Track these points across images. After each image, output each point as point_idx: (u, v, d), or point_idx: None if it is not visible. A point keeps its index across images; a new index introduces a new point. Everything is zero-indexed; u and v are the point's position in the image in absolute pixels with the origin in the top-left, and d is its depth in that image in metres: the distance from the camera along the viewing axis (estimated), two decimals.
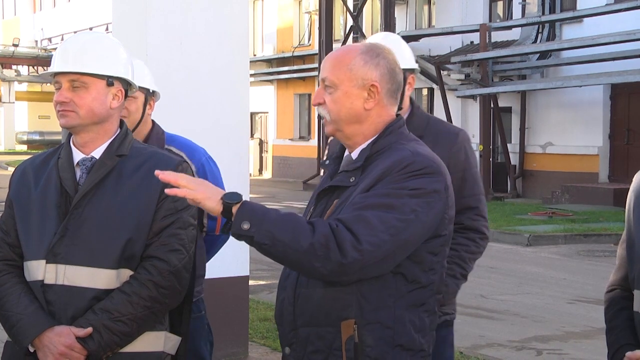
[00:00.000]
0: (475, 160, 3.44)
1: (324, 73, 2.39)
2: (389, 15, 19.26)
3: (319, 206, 2.43)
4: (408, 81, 3.34)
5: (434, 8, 23.15)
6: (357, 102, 2.37)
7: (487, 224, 3.38)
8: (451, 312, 3.37)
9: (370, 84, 2.37)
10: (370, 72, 2.37)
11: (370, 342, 2.27)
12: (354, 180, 2.35)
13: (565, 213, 15.75)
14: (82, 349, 2.50)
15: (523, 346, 7.02)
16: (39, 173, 2.67)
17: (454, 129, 3.44)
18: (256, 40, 29.77)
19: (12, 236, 2.65)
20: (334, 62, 2.39)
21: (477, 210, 3.34)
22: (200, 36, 5.47)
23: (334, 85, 2.37)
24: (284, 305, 2.40)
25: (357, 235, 2.17)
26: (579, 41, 17.68)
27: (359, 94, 2.37)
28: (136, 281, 2.55)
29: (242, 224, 2.17)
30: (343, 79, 2.36)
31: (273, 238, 2.16)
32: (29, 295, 2.57)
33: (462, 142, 3.36)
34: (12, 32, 44.45)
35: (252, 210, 2.19)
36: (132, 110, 3.50)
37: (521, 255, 11.83)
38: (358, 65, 2.37)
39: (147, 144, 3.06)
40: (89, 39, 2.72)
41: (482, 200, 3.39)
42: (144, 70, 3.61)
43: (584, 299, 8.94)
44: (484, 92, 19.39)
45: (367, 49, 2.40)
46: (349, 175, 2.38)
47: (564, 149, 19.19)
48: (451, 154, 3.26)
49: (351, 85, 2.36)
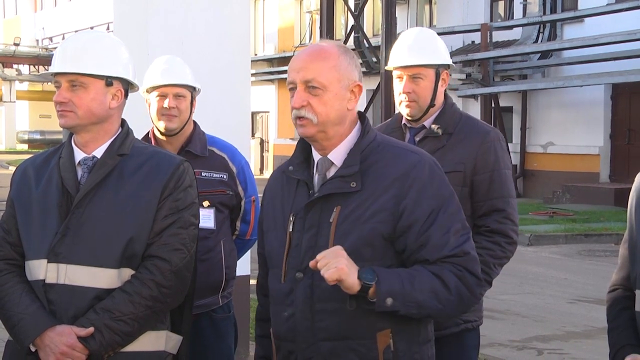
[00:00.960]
0: (507, 161, 3.30)
1: (308, 74, 2.34)
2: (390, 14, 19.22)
3: (310, 216, 2.37)
4: (442, 77, 3.27)
5: (435, 8, 23.16)
6: (343, 103, 2.38)
7: (517, 228, 3.25)
8: (474, 320, 3.28)
9: (355, 84, 2.39)
10: (353, 72, 2.40)
11: (403, 347, 2.34)
12: (355, 185, 2.33)
13: (566, 213, 15.75)
14: (84, 348, 2.50)
15: (524, 346, 7.03)
16: (40, 172, 2.67)
17: (486, 128, 3.31)
18: (257, 40, 29.78)
19: (13, 235, 2.65)
20: (320, 64, 2.35)
21: (505, 213, 3.21)
22: (201, 36, 5.47)
23: (324, 86, 2.34)
24: (297, 321, 2.35)
25: (476, 274, 2.35)
26: (580, 41, 17.68)
27: (345, 94, 2.37)
28: (137, 280, 2.55)
29: (386, 301, 2.23)
30: (332, 81, 2.35)
31: (419, 307, 2.27)
32: (31, 294, 2.57)
33: (492, 142, 3.24)
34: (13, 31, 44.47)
35: (390, 285, 2.24)
36: (182, 109, 3.57)
37: (522, 254, 11.82)
38: (343, 66, 2.37)
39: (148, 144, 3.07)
40: (89, 38, 2.72)
41: (510, 203, 3.24)
42: (185, 68, 3.65)
43: (584, 299, 8.94)
44: (485, 91, 19.39)
45: (344, 49, 2.41)
46: (346, 180, 2.34)
47: (565, 149, 19.18)
48: (479, 153, 3.20)
49: (340, 86, 2.36)
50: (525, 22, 19.30)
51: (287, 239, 2.40)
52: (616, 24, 17.09)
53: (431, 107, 3.27)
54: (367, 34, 22.56)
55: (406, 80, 3.24)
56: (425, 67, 3.24)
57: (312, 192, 2.40)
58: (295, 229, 2.39)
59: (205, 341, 3.68)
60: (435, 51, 3.29)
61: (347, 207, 2.32)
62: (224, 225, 3.69)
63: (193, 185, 2.70)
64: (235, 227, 3.80)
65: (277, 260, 2.44)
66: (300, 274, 2.35)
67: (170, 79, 3.57)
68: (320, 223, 2.35)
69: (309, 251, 2.34)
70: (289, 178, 2.48)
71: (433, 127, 3.26)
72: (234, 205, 3.72)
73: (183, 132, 3.62)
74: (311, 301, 2.34)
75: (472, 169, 3.21)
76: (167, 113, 3.55)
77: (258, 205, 3.83)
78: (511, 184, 3.30)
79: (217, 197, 3.61)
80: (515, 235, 3.24)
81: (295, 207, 2.41)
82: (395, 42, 3.36)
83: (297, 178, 2.44)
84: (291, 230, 2.39)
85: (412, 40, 3.29)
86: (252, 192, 3.79)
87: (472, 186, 3.22)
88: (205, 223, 3.45)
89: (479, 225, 3.22)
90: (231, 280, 3.74)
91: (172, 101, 3.56)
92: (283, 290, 2.40)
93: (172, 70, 3.61)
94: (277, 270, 2.44)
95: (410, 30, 3.40)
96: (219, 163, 3.67)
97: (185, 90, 3.61)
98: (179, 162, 2.68)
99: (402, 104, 3.27)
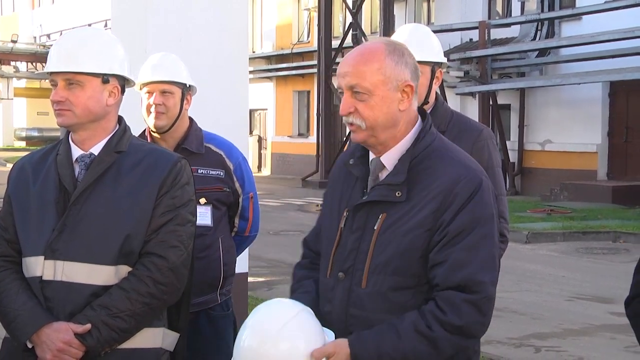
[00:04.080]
0: (498, 159, 3.35)
1: (352, 80, 2.27)
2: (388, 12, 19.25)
3: (358, 218, 2.34)
4: (436, 75, 3.28)
5: (433, 5, 23.14)
6: (393, 105, 2.29)
7: (508, 225, 3.29)
8: None
9: (405, 84, 2.30)
10: (402, 72, 2.29)
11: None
12: (400, 195, 2.28)
13: (564, 210, 15.75)
14: (81, 345, 2.50)
15: (521, 343, 7.03)
16: (37, 169, 2.67)
17: (478, 126, 3.35)
18: (255, 37, 29.75)
19: (10, 232, 2.65)
20: (363, 67, 2.27)
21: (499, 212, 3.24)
22: (199, 33, 5.46)
23: (368, 91, 2.26)
24: (333, 320, 2.34)
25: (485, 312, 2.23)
26: (578, 39, 17.69)
27: (394, 96, 2.29)
28: (134, 277, 2.55)
29: None
30: (377, 84, 2.27)
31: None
32: (27, 291, 2.57)
33: (485, 140, 3.27)
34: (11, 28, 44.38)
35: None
36: (170, 106, 3.54)
37: (520, 252, 11.83)
38: (390, 67, 2.28)
39: (145, 141, 3.06)
40: (84, 36, 2.70)
41: (503, 201, 3.27)
42: (179, 65, 3.62)
43: (582, 296, 8.94)
44: (483, 89, 19.39)
45: (392, 49, 2.31)
46: (392, 189, 2.29)
47: (563, 147, 19.19)
48: (473, 150, 3.20)
49: (386, 88, 2.27)
50: (523, 20, 19.30)
51: (338, 235, 2.38)
52: (614, 21, 17.09)
53: (425, 105, 3.27)
54: (365, 32, 22.56)
55: None
56: (421, 63, 3.23)
57: (366, 191, 2.36)
58: (346, 226, 2.36)
59: (204, 339, 3.68)
60: (431, 48, 3.30)
61: (392, 216, 2.28)
62: (221, 222, 3.69)
63: (190, 182, 2.69)
64: (234, 224, 3.79)
65: (327, 252, 2.43)
66: (342, 274, 2.34)
67: (157, 76, 3.55)
68: (366, 227, 2.32)
69: (352, 253, 2.33)
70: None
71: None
72: (231, 202, 3.71)
73: (178, 129, 3.60)
74: (347, 304, 2.32)
75: None
76: (154, 110, 3.54)
77: (257, 201, 3.82)
78: (503, 182, 3.34)
79: (213, 194, 3.61)
80: (507, 233, 3.28)
81: (350, 203, 2.38)
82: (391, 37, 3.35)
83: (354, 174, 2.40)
84: (342, 227, 2.37)
85: (407, 36, 3.29)
86: (250, 188, 3.78)
87: None
88: (202, 220, 3.44)
89: None
90: (229, 277, 3.73)
91: (159, 97, 3.52)
92: (328, 285, 2.39)
93: (161, 67, 3.58)
94: (325, 262, 2.43)
95: (406, 27, 3.40)
96: (216, 160, 3.67)
97: (174, 87, 3.56)
98: (177, 159, 2.68)
99: None
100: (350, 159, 2.43)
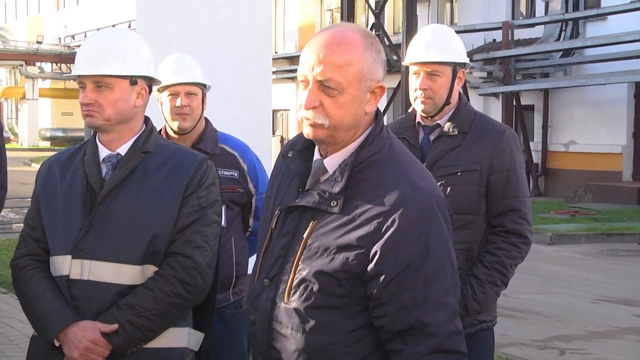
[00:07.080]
0: (522, 160, 3.30)
1: (325, 72, 1.97)
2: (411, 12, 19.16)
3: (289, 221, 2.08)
4: (458, 75, 3.26)
5: (456, 5, 23.06)
6: (361, 106, 2.02)
7: (531, 227, 3.26)
8: (489, 320, 3.28)
9: (378, 85, 2.03)
10: (376, 71, 2.02)
11: None
12: (335, 205, 2.00)
13: (588, 212, 15.63)
14: (107, 343, 2.51)
15: (546, 345, 6.98)
16: (65, 169, 2.69)
17: (501, 127, 3.31)
18: (278, 38, 29.80)
19: (38, 231, 2.67)
20: (338, 59, 1.97)
21: (521, 213, 3.21)
22: (222, 33, 5.49)
23: (341, 87, 1.98)
24: (257, 331, 2.11)
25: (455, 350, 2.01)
26: (603, 39, 17.54)
27: (364, 96, 2.02)
28: (160, 277, 2.55)
29: None
30: (352, 81, 1.99)
31: None
32: (54, 289, 2.59)
33: (508, 141, 3.24)
34: (36, 29, 44.81)
35: None
36: (194, 107, 3.62)
37: (544, 254, 11.76)
38: (367, 64, 2.00)
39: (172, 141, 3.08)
40: (111, 38, 2.71)
41: (526, 202, 3.24)
42: (196, 65, 3.68)
43: (607, 299, 8.87)
44: (506, 90, 19.29)
45: (370, 42, 2.02)
46: (328, 198, 2.01)
47: (587, 148, 19.04)
48: (495, 152, 3.19)
49: (359, 87, 2.00)
50: (548, 20, 19.17)
51: (268, 236, 2.13)
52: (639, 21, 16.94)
53: (446, 105, 3.26)
54: (387, 32, 22.50)
55: (423, 77, 3.24)
56: (442, 64, 3.23)
57: (302, 191, 2.09)
58: (277, 227, 2.11)
59: (216, 338, 3.68)
60: (453, 49, 3.28)
61: (325, 225, 2.01)
62: (234, 222, 3.71)
63: (216, 183, 2.70)
64: (249, 224, 3.81)
65: (258, 253, 2.20)
66: (267, 281, 2.09)
67: (182, 78, 3.60)
68: (296, 233, 2.06)
69: (279, 260, 2.08)
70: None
71: (448, 127, 3.25)
72: (244, 202, 3.74)
73: (195, 130, 3.65)
74: (270, 316, 2.07)
75: (488, 168, 3.21)
76: (180, 112, 3.59)
77: None
78: (526, 183, 3.31)
79: (227, 195, 3.62)
80: (530, 235, 3.25)
81: (283, 202, 2.12)
82: (413, 38, 3.35)
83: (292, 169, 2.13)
84: (273, 227, 2.12)
85: (429, 37, 3.28)
86: (264, 189, 3.79)
87: (487, 185, 3.22)
88: None
89: (494, 225, 3.24)
90: (242, 277, 3.75)
91: (185, 99, 3.59)
92: (254, 290, 2.14)
93: (182, 69, 3.63)
94: (256, 263, 2.19)
95: (428, 27, 3.40)
96: (230, 161, 3.70)
97: (197, 88, 3.64)
98: (202, 159, 2.68)
99: (418, 100, 3.27)
100: (290, 152, 2.13)
